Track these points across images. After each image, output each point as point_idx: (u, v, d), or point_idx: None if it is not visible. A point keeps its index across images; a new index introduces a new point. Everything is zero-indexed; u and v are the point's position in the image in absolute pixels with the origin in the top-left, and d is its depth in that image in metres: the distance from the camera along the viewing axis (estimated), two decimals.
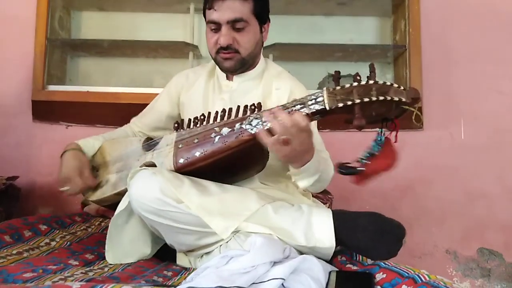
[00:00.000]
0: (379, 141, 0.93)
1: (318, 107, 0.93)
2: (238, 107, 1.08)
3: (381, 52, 2.08)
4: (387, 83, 0.89)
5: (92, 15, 2.18)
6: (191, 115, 1.17)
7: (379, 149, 0.93)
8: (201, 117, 1.13)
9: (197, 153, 1.05)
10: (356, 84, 0.90)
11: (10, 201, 1.80)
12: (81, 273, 0.93)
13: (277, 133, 0.93)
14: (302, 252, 0.98)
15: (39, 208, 2.01)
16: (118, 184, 1.19)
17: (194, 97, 1.33)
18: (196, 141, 1.07)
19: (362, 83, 0.90)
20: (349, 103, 0.89)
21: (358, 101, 0.88)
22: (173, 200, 0.98)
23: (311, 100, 0.95)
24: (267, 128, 0.97)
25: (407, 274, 0.82)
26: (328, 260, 0.99)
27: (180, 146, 1.09)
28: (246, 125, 1.02)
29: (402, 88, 0.89)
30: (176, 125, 1.17)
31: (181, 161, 1.07)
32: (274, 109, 0.99)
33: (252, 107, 1.06)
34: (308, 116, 0.95)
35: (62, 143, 1.29)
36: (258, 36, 1.25)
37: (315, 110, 0.94)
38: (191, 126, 1.14)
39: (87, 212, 1.60)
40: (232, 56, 1.21)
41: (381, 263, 0.92)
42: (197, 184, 1.03)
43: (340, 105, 0.90)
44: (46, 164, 2.00)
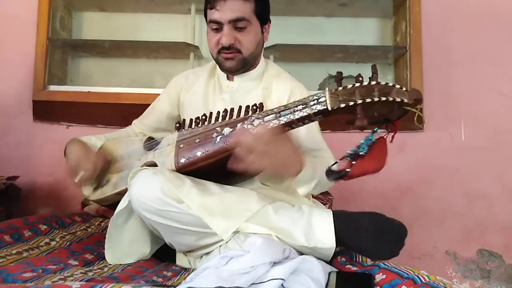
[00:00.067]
0: (368, 140, 0.92)
1: (320, 107, 0.93)
2: (239, 107, 1.08)
3: (381, 53, 2.08)
4: (389, 84, 0.89)
5: (93, 15, 2.18)
6: (191, 116, 1.17)
7: (366, 149, 0.92)
8: (203, 117, 1.13)
9: (199, 153, 1.05)
10: (359, 84, 0.90)
11: (10, 201, 1.80)
12: (81, 273, 0.93)
13: (243, 155, 0.93)
14: (303, 252, 0.98)
15: (39, 208, 2.01)
16: (118, 183, 1.19)
17: (194, 97, 1.33)
18: (197, 141, 1.07)
19: (364, 84, 0.90)
20: (351, 103, 0.89)
21: (360, 102, 0.87)
22: (173, 200, 0.98)
23: (313, 101, 0.95)
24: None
25: (406, 275, 0.82)
26: (328, 261, 0.99)
27: (182, 145, 1.09)
28: (247, 125, 1.02)
29: (404, 89, 0.89)
30: (177, 125, 1.16)
31: (183, 160, 1.07)
32: (238, 129, 1.01)
33: (254, 107, 1.06)
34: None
35: (63, 143, 1.28)
36: (259, 36, 1.25)
37: (317, 111, 0.94)
38: (192, 126, 1.14)
39: (87, 212, 1.60)
40: (234, 56, 1.21)
41: (381, 263, 0.91)
42: (198, 184, 1.03)
43: (342, 105, 0.90)
44: (46, 164, 2.01)
